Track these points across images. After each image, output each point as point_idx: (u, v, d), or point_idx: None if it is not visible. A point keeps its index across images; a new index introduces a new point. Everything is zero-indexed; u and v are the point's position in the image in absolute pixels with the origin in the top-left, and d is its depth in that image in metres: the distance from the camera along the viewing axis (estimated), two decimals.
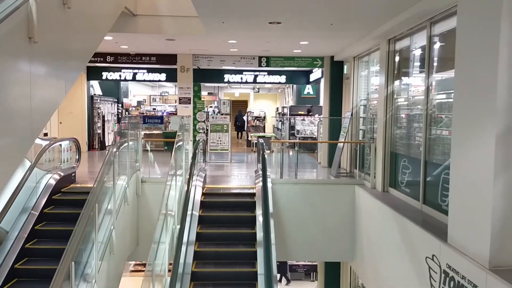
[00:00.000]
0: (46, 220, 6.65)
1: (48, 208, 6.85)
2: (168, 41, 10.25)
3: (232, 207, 7.66)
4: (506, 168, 3.72)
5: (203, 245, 6.70)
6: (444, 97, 5.84)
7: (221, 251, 6.63)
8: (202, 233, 6.89)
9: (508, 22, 3.65)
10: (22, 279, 5.66)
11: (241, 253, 6.61)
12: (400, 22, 6.39)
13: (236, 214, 7.45)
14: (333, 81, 11.02)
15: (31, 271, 5.72)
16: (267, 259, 5.29)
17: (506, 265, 3.75)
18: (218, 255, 6.58)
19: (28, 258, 5.95)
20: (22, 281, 5.63)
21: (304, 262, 14.21)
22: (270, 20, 6.98)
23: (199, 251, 6.54)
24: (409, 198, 6.60)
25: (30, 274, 5.70)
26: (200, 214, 7.24)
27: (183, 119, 9.75)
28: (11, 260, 5.70)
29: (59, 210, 6.92)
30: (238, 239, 6.90)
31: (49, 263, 5.39)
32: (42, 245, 6.18)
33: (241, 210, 7.56)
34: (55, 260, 4.69)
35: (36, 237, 6.29)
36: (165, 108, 19.51)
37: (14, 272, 5.64)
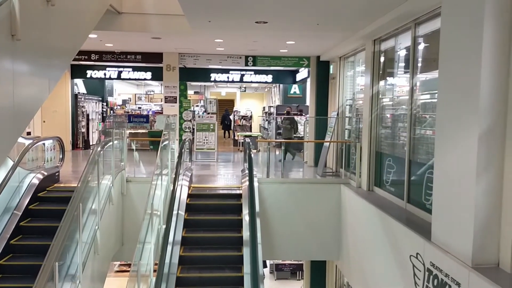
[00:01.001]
0: (30, 218, 6.58)
1: (32, 205, 6.78)
2: (154, 39, 10.18)
3: (218, 207, 7.65)
4: (488, 167, 3.79)
5: (188, 249, 6.66)
6: (428, 97, 5.91)
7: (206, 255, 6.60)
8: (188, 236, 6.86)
9: (491, 23, 3.71)
10: (6, 276, 5.64)
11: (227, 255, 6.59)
12: (385, 23, 6.44)
13: (222, 216, 7.41)
14: (319, 81, 11.08)
15: (15, 268, 5.73)
16: (254, 258, 5.30)
17: (488, 263, 3.82)
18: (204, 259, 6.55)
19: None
20: (7, 278, 5.60)
21: (290, 261, 14.25)
22: (256, 20, 6.98)
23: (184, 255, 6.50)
24: (393, 197, 6.67)
25: (14, 271, 5.71)
26: (186, 216, 7.21)
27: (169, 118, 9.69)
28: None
29: (43, 207, 6.84)
30: (223, 240, 6.88)
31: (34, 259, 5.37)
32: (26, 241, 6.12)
33: (227, 209, 7.55)
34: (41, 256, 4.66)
35: (19, 235, 6.24)
36: (150, 107, 19.39)
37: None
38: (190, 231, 7.00)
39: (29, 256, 5.91)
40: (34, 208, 6.77)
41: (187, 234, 6.88)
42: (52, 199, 7.10)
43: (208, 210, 7.59)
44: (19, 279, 5.54)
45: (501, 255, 3.79)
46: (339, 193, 8.17)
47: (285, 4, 5.99)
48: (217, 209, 7.61)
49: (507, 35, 3.72)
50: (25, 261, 5.80)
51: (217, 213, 7.50)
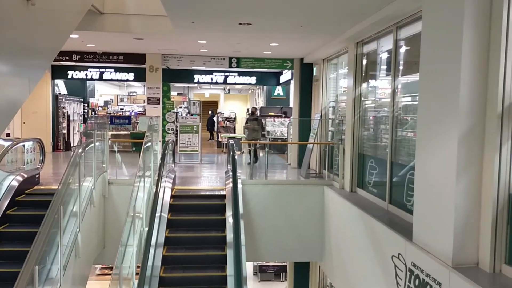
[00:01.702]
0: (9, 222, 6.45)
1: (11, 210, 6.64)
2: (136, 40, 10.10)
3: (202, 208, 7.61)
4: (468, 168, 3.85)
5: (172, 249, 6.62)
6: (409, 100, 5.99)
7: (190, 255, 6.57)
8: (171, 236, 6.82)
9: (471, 27, 3.78)
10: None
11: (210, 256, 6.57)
12: (367, 26, 6.51)
13: (206, 216, 7.40)
14: (303, 83, 11.14)
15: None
16: (237, 260, 5.29)
17: (468, 263, 3.88)
18: (187, 259, 6.52)
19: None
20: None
21: (274, 263, 14.27)
22: (240, 21, 6.98)
23: (168, 255, 6.46)
24: (376, 198, 6.74)
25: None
26: (169, 217, 7.16)
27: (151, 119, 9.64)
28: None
29: (22, 212, 6.71)
30: (207, 242, 6.86)
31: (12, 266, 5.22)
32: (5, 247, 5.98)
33: (211, 211, 7.53)
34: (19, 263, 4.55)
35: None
36: (133, 108, 19.22)
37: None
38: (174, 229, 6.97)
39: (8, 262, 5.75)
40: (12, 213, 6.63)
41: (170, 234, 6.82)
42: (31, 203, 6.97)
43: (192, 211, 7.55)
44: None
45: (481, 254, 3.86)
46: (322, 194, 8.21)
47: (269, 6, 6.01)
48: (200, 210, 7.58)
49: (486, 40, 3.79)
50: (4, 268, 5.63)
51: (201, 214, 7.47)
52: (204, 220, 7.32)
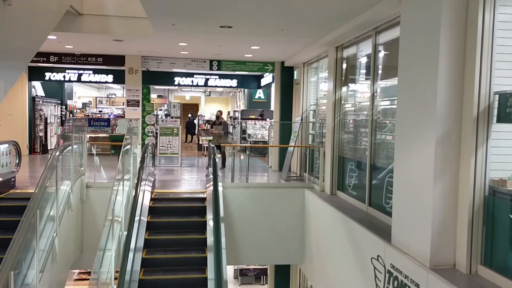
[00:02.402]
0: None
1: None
2: (115, 41, 9.98)
3: (182, 212, 7.56)
4: (445, 171, 3.93)
5: (151, 251, 6.56)
6: (388, 104, 6.08)
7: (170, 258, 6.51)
8: (151, 239, 6.75)
9: (447, 34, 3.87)
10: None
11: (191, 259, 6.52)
12: (347, 30, 6.59)
13: (186, 219, 7.35)
14: (284, 86, 11.18)
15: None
16: (218, 264, 5.26)
17: (446, 264, 3.96)
18: (167, 262, 6.46)
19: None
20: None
21: (255, 266, 14.26)
22: (221, 24, 6.98)
23: (147, 258, 6.39)
24: (355, 201, 6.80)
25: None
26: (149, 219, 7.09)
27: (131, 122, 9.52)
28: None
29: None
30: (188, 245, 6.82)
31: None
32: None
33: (192, 214, 7.48)
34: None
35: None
36: (112, 110, 19.00)
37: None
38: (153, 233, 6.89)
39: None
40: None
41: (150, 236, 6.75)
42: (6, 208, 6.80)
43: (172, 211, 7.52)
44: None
45: (457, 256, 3.93)
46: (303, 197, 8.25)
47: (250, 10, 6.02)
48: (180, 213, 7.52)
49: (462, 46, 3.88)
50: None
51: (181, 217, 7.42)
52: (184, 223, 7.27)
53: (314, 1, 5.36)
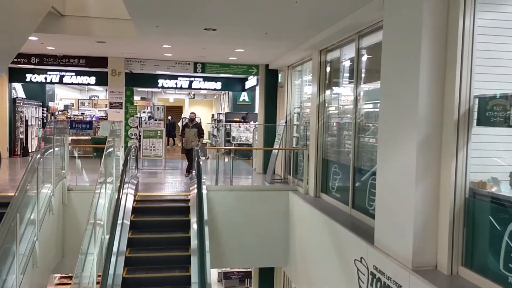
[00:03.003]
0: None
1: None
2: (98, 43, 9.88)
3: (165, 213, 7.52)
4: (426, 174, 3.98)
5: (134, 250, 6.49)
6: (371, 107, 6.14)
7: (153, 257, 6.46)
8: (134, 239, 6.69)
9: (428, 39, 3.93)
10: None
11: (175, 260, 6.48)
12: (330, 34, 6.64)
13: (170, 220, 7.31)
14: (268, 89, 11.21)
15: None
16: (201, 267, 5.24)
17: (427, 265, 4.00)
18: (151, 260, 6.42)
19: None
20: None
21: (239, 269, 14.21)
22: (205, 26, 6.96)
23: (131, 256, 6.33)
24: (339, 203, 6.85)
25: None
26: (132, 219, 7.04)
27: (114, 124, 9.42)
28: None
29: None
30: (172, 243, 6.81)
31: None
32: None
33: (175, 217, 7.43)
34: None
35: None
36: (94, 113, 18.79)
37: None
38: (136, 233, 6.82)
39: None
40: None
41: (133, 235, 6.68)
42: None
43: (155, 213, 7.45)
44: None
45: (439, 257, 3.99)
46: (287, 199, 8.27)
47: (234, 13, 6.03)
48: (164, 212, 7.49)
49: (443, 51, 3.95)
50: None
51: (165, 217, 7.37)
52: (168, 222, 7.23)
53: (297, 5, 5.39)
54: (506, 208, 3.48)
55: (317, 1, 5.29)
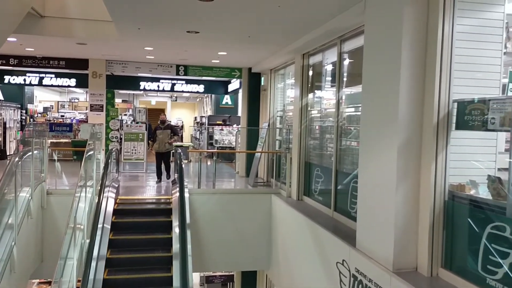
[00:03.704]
0: None
1: None
2: (79, 45, 9.74)
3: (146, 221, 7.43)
4: (407, 177, 4.04)
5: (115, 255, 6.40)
6: (353, 110, 6.20)
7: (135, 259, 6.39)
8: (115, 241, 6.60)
9: (409, 44, 3.99)
10: None
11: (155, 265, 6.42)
12: (313, 38, 6.69)
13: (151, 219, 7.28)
14: (251, 92, 11.23)
15: None
16: (183, 271, 5.19)
17: (408, 267, 4.05)
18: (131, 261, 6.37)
19: None
20: None
21: (221, 273, 14.15)
22: (188, 29, 6.94)
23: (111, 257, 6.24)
24: (321, 206, 6.88)
25: None
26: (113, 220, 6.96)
27: (94, 127, 9.28)
28: None
29: None
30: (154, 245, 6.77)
31: None
32: None
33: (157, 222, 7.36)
34: None
35: None
36: (74, 115, 18.54)
37: None
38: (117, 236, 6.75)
39: None
40: None
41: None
42: None
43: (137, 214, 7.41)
44: None
45: (419, 259, 4.04)
46: (269, 203, 8.27)
47: (217, 16, 6.02)
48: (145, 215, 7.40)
49: (422, 55, 4.01)
50: None
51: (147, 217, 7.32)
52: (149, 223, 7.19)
53: (280, 9, 5.41)
54: (484, 211, 3.55)
55: (299, 6, 5.32)
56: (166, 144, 9.89)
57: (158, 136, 9.91)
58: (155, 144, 9.97)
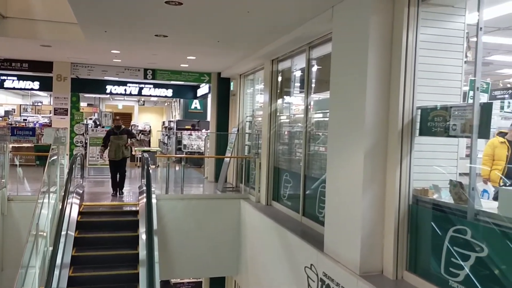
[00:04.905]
0: None
1: None
2: (43, 47, 9.47)
3: (113, 225, 7.27)
4: (373, 182, 4.12)
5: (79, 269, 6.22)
6: (321, 116, 6.28)
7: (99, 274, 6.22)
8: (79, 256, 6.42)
9: (374, 52, 4.08)
10: None
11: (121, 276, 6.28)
12: (282, 44, 6.74)
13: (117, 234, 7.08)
14: (220, 97, 11.20)
15: None
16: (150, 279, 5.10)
17: (374, 271, 4.12)
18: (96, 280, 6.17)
19: None
20: None
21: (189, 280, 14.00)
22: (156, 33, 6.86)
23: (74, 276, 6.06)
24: (290, 211, 6.92)
25: None
26: (76, 235, 6.75)
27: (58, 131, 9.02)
28: None
29: None
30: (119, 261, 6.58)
31: None
32: None
33: (123, 228, 7.22)
34: None
35: None
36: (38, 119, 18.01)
37: None
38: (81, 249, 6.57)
39: None
40: None
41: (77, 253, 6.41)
42: None
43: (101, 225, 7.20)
44: None
45: (385, 262, 4.12)
46: (238, 208, 8.26)
47: (186, 20, 5.98)
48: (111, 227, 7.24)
49: (388, 63, 4.11)
50: None
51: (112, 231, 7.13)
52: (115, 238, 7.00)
53: (249, 14, 5.43)
54: (446, 214, 3.65)
55: (268, 12, 5.36)
56: (124, 151, 8.90)
57: (113, 142, 8.86)
58: (109, 151, 8.90)
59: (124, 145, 8.87)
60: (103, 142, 9.16)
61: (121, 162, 8.89)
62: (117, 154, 8.82)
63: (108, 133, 9.10)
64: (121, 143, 8.86)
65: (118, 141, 8.86)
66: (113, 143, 8.84)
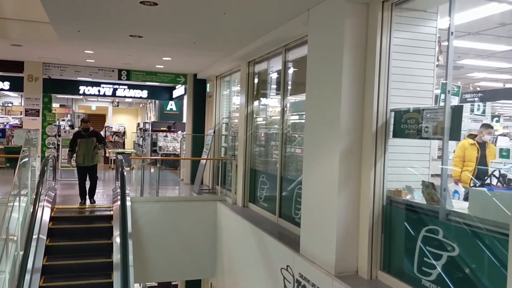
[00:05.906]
0: None
1: None
2: (13, 46, 9.22)
3: (86, 230, 7.13)
4: (348, 183, 4.17)
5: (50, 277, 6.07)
6: (297, 118, 6.33)
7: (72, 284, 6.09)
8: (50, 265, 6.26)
9: (349, 55, 4.14)
10: None
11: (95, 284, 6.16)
12: (258, 46, 6.76)
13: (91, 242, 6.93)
14: (196, 99, 11.14)
15: None
16: (125, 283, 5.03)
17: (349, 271, 4.17)
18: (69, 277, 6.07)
19: None
20: None
21: None
22: (131, 33, 6.78)
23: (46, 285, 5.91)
24: (266, 212, 6.94)
25: None
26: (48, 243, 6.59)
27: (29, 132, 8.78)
28: None
29: None
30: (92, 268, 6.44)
31: None
32: None
33: (97, 232, 7.09)
34: None
35: None
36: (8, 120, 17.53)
37: None
38: (53, 258, 6.40)
39: None
40: None
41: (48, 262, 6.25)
42: None
43: (74, 233, 7.03)
44: None
45: (360, 263, 4.17)
46: (215, 210, 8.23)
47: (160, 21, 5.93)
48: (84, 232, 7.09)
49: (362, 66, 4.18)
50: None
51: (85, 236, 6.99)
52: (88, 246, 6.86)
53: (225, 16, 5.43)
54: (419, 214, 3.73)
55: (244, 14, 5.37)
56: (94, 156, 8.17)
57: (81, 146, 8.05)
58: (77, 156, 8.09)
59: (93, 149, 8.13)
60: (70, 146, 8.29)
61: (91, 168, 8.20)
62: (86, 159, 8.06)
63: (75, 136, 8.26)
64: (90, 147, 8.09)
65: (87, 145, 8.07)
66: (81, 148, 8.07)
